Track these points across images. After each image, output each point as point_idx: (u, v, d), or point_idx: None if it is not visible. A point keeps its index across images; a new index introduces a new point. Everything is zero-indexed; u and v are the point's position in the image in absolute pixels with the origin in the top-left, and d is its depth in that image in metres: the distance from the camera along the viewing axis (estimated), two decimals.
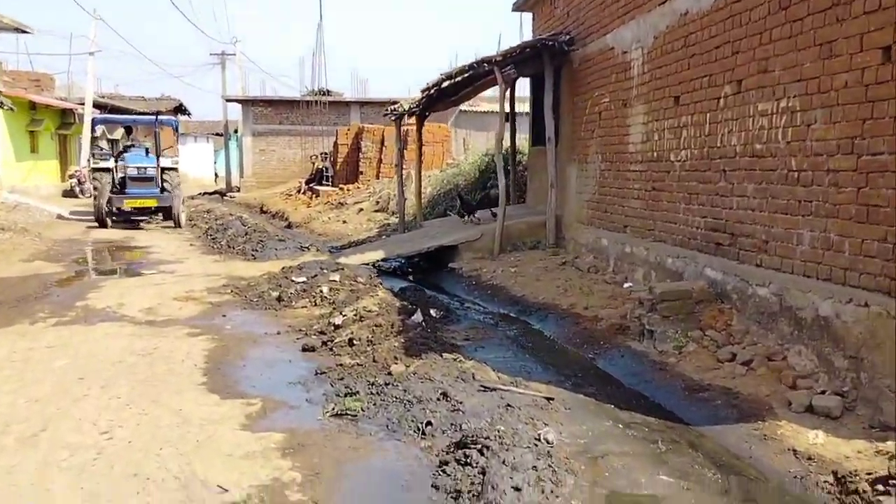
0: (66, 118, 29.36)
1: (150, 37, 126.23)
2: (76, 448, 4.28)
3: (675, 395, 5.53)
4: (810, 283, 5.46)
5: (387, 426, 4.59)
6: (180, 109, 47.73)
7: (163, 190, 18.17)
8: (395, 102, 14.46)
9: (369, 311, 7.27)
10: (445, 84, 10.98)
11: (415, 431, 4.47)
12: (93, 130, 20.38)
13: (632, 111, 9.10)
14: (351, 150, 26.19)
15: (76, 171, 27.23)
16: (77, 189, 26.25)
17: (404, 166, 24.59)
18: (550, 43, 11.06)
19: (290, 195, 27.96)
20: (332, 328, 7.09)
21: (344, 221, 19.67)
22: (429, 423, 4.46)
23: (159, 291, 9.67)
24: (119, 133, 22.01)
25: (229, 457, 4.17)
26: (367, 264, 11.76)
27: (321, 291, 8.63)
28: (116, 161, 18.46)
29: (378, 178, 24.74)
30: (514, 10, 14.90)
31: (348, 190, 23.46)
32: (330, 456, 4.20)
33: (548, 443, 4.11)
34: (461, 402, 4.68)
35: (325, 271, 9.92)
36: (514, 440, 4.07)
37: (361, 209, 20.35)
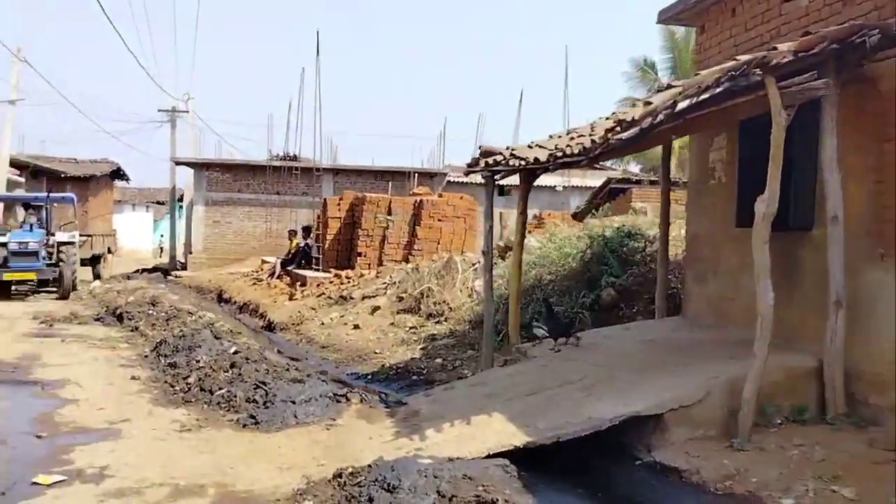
0: None
1: (94, 94, 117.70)
2: None
3: None
4: None
5: None
6: (118, 174, 41.82)
7: (58, 263, 18.14)
8: (380, 171, 8.95)
9: None
10: (683, 105, 5.51)
11: None
12: None
13: None
14: (344, 225, 20.35)
15: None
16: None
17: (416, 249, 19.01)
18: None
19: (260, 280, 21.87)
20: None
21: (356, 326, 13.70)
22: None
23: None
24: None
25: None
26: (495, 455, 5.92)
27: None
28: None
29: (381, 263, 18.97)
30: (659, 21, 9.78)
31: (348, 278, 17.54)
32: None
33: None
34: None
35: None
36: None
37: (377, 307, 14.43)
